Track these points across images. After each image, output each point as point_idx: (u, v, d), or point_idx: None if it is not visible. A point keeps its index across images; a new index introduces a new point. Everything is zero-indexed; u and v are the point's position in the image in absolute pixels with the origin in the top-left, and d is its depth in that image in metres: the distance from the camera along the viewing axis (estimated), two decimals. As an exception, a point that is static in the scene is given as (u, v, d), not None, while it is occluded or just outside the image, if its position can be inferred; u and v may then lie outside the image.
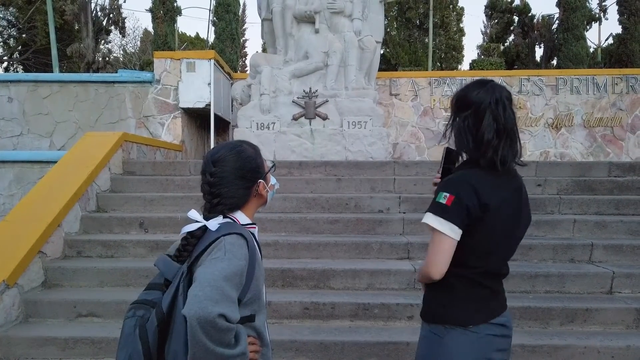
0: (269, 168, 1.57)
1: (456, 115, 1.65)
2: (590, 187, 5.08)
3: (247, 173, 1.46)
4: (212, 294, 1.18)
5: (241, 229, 1.38)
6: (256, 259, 1.38)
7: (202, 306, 1.16)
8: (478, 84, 1.62)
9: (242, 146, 1.49)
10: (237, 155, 1.47)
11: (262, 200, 1.54)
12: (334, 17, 7.13)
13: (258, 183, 1.49)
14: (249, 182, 1.47)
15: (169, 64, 8.21)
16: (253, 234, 1.47)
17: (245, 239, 1.35)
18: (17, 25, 22.00)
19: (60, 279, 3.89)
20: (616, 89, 9.02)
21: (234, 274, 1.26)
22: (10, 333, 3.31)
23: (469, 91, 1.62)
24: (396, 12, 19.17)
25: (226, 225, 1.38)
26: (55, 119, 8.31)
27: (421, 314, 1.76)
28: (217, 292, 1.19)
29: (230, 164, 1.44)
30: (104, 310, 3.57)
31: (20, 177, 5.61)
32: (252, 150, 1.51)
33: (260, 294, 1.41)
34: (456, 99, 1.65)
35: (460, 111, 1.64)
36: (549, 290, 3.79)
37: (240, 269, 1.28)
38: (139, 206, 4.90)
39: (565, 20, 15.87)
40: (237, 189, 1.45)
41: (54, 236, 4.07)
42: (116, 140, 5.46)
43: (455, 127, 1.66)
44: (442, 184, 1.60)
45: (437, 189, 1.60)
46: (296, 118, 6.91)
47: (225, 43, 17.13)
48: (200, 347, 1.18)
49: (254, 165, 1.48)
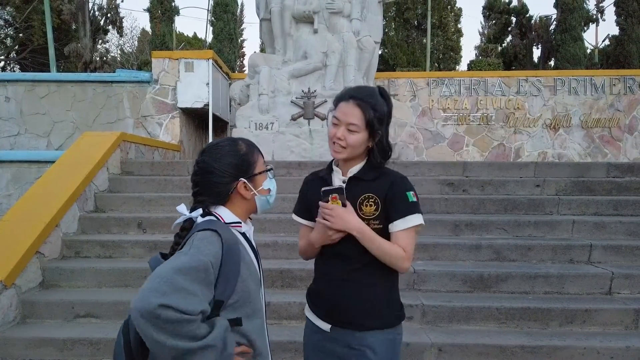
0: (262, 170, 1.46)
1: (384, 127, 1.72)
2: (589, 187, 5.09)
3: (229, 167, 1.39)
4: (158, 285, 1.12)
5: (219, 226, 1.32)
6: (241, 259, 1.31)
7: (143, 297, 1.11)
8: (379, 94, 1.70)
9: (235, 141, 1.44)
10: (224, 147, 1.42)
11: (246, 201, 1.43)
12: (333, 18, 7.12)
13: (239, 181, 1.40)
14: (229, 177, 1.39)
15: (167, 64, 8.19)
16: (245, 233, 1.42)
17: (220, 236, 1.27)
18: (14, 24, 21.90)
19: (58, 279, 3.87)
20: (614, 89, 9.04)
21: (193, 268, 1.18)
22: (7, 334, 3.29)
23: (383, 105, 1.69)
24: (394, 12, 19.16)
25: (206, 222, 1.35)
26: (52, 118, 8.28)
27: (376, 318, 1.68)
28: (166, 284, 1.13)
29: (214, 155, 1.40)
30: (102, 310, 3.55)
31: (18, 177, 5.58)
32: (244, 147, 1.43)
33: (250, 298, 1.34)
34: (380, 113, 1.68)
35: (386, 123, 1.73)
36: (548, 291, 3.79)
37: (203, 264, 1.20)
38: (137, 206, 4.88)
39: (563, 21, 15.90)
40: (216, 182, 1.38)
41: (51, 236, 4.04)
42: (114, 140, 5.43)
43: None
44: (404, 183, 1.69)
45: (403, 189, 1.66)
46: (295, 118, 6.90)
47: (223, 43, 17.11)
48: (150, 340, 1.13)
49: (237, 161, 1.40)
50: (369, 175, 1.69)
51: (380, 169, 1.71)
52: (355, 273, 1.68)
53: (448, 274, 3.83)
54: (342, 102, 1.66)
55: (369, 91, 1.69)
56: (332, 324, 1.70)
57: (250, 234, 1.47)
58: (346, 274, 1.69)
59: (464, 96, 9.07)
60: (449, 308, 3.53)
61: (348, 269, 1.68)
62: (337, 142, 1.65)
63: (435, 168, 5.48)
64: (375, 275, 1.68)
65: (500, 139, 9.12)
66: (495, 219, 4.55)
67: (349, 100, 1.64)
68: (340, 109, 1.66)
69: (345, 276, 1.69)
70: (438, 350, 3.21)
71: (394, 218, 1.65)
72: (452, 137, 9.15)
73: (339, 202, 1.61)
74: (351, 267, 1.68)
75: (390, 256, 1.62)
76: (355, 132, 1.62)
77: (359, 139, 1.64)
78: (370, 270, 1.67)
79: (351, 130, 1.63)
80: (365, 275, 1.68)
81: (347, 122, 1.63)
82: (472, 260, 4.13)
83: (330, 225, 1.61)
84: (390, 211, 1.65)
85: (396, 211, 1.64)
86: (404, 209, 1.65)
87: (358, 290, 1.68)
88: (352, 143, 1.64)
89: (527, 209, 4.77)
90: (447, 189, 5.10)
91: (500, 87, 9.06)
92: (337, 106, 1.68)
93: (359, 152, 1.68)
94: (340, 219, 1.60)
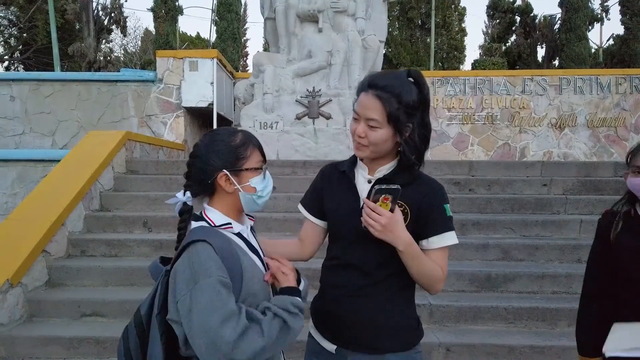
0: (252, 167, 1.33)
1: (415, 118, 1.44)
2: (597, 187, 5.05)
3: (214, 156, 1.30)
4: (219, 347, 1.15)
5: (209, 234, 1.25)
6: (240, 261, 1.26)
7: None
8: (409, 78, 1.43)
9: (234, 132, 1.35)
10: (218, 135, 1.34)
11: (230, 196, 1.33)
12: (338, 16, 7.10)
13: (219, 171, 1.30)
14: (212, 166, 1.30)
15: (172, 63, 8.18)
16: (240, 233, 1.35)
17: (211, 245, 1.21)
18: (17, 24, 21.98)
19: (64, 278, 3.86)
20: (620, 89, 8.99)
21: (219, 301, 1.17)
22: (14, 332, 3.29)
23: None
24: (398, 11, 19.14)
25: (197, 229, 1.30)
26: (57, 118, 8.28)
27: (395, 338, 1.47)
28: (221, 344, 1.15)
29: (207, 140, 1.34)
30: (108, 309, 3.55)
31: (23, 176, 5.58)
32: (239, 139, 1.33)
33: (257, 299, 1.29)
34: (407, 103, 1.41)
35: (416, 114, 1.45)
36: (556, 291, 3.76)
37: (219, 286, 1.18)
38: (143, 205, 4.88)
39: (568, 21, 15.86)
40: (200, 168, 1.31)
41: (57, 235, 4.04)
42: (119, 139, 5.43)
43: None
44: (442, 194, 1.49)
45: (441, 201, 1.46)
46: (299, 117, 6.88)
47: (226, 42, 17.13)
48: None
49: (225, 151, 1.30)
50: (401, 179, 1.42)
51: (414, 171, 1.46)
52: (370, 288, 1.45)
53: (455, 274, 3.80)
54: (362, 92, 1.43)
55: (393, 77, 1.41)
56: (339, 346, 1.49)
57: (246, 232, 1.38)
58: (360, 290, 1.46)
59: (468, 95, 9.03)
60: (457, 308, 3.50)
61: (363, 283, 1.45)
62: (357, 139, 1.43)
63: (441, 167, 5.45)
64: (393, 291, 1.47)
65: (506, 139, 9.08)
66: (502, 218, 4.52)
67: (368, 91, 1.39)
68: (360, 101, 1.42)
69: (359, 292, 1.46)
70: (446, 350, 3.19)
71: (430, 234, 1.43)
72: (456, 136, 9.12)
73: (388, 206, 1.35)
74: (367, 282, 1.45)
75: (429, 277, 1.41)
76: (376, 127, 1.38)
77: (382, 136, 1.39)
78: (388, 285, 1.46)
79: (371, 126, 1.39)
80: (383, 291, 1.46)
81: (366, 116, 1.40)
82: (479, 260, 4.11)
83: (375, 234, 1.35)
84: (426, 225, 1.43)
85: (434, 226, 1.43)
86: (442, 224, 1.44)
87: (374, 308, 1.45)
88: (373, 140, 1.40)
89: (534, 209, 4.74)
90: (453, 188, 5.07)
91: (506, 86, 9.02)
92: (358, 98, 1.44)
93: (385, 150, 1.44)
94: (389, 230, 1.34)
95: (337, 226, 1.53)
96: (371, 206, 1.34)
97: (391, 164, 1.48)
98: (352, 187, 1.51)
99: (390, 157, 1.48)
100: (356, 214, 1.43)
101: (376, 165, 1.49)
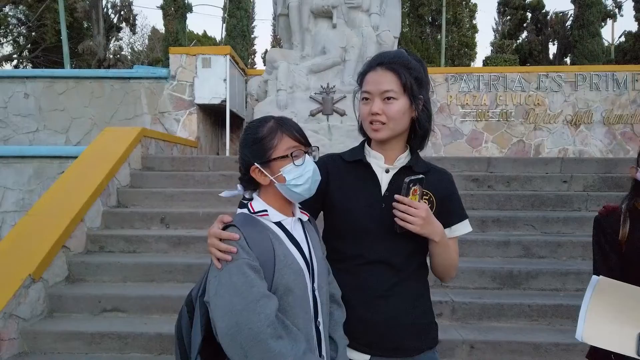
0: (280, 156, 1.27)
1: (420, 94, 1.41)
2: (617, 183, 4.98)
3: (246, 150, 1.30)
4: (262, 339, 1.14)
5: (242, 219, 1.26)
6: (271, 249, 1.23)
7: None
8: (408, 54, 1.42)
9: (262, 122, 1.31)
10: (248, 129, 1.31)
11: (271, 188, 1.30)
12: (352, 12, 7.07)
13: (252, 164, 1.28)
14: (246, 161, 1.29)
15: (185, 60, 8.18)
16: (281, 223, 1.31)
17: (239, 229, 1.21)
18: (27, 23, 22.11)
19: (84, 273, 3.86)
20: (637, 85, 8.86)
21: (241, 281, 1.16)
22: (36, 327, 3.29)
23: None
24: (408, 8, 19.03)
25: (236, 216, 1.30)
26: (70, 115, 8.31)
27: (428, 336, 1.44)
28: (263, 341, 1.14)
29: (242, 136, 1.31)
30: (128, 305, 3.54)
31: (40, 173, 5.60)
32: (266, 129, 1.28)
33: (291, 291, 1.25)
34: (417, 73, 1.39)
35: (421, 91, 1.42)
36: (580, 288, 3.70)
37: (239, 267, 1.17)
38: (160, 201, 4.87)
39: (581, 17, 15.68)
40: (241, 164, 1.32)
41: (76, 231, 4.04)
42: (135, 136, 5.43)
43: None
44: (453, 181, 1.48)
45: (456, 188, 1.48)
46: (313, 114, 6.85)
47: (236, 40, 17.14)
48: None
49: (251, 144, 1.28)
50: (421, 167, 1.42)
51: (423, 160, 1.47)
52: (401, 285, 1.38)
53: (477, 271, 3.76)
54: (369, 73, 1.38)
55: (396, 53, 1.41)
56: (373, 354, 1.38)
57: (291, 224, 1.33)
58: (390, 287, 1.37)
59: (482, 92, 8.95)
60: (480, 305, 3.46)
61: (393, 280, 1.37)
62: (374, 120, 1.35)
63: (458, 164, 5.40)
64: (422, 284, 1.44)
65: (520, 136, 8.99)
66: (522, 215, 4.46)
67: (377, 68, 1.36)
68: (369, 80, 1.37)
69: (388, 290, 1.37)
70: (470, 348, 3.15)
71: (454, 221, 1.43)
72: (470, 133, 9.04)
73: (416, 197, 1.30)
74: (398, 277, 1.37)
75: (451, 266, 1.42)
76: (394, 99, 1.33)
77: (400, 107, 1.34)
78: (417, 278, 1.42)
79: (389, 98, 1.33)
80: (413, 286, 1.40)
81: (380, 90, 1.34)
82: (500, 257, 4.06)
83: (415, 230, 1.28)
84: (449, 213, 1.43)
85: (456, 213, 1.44)
86: (462, 211, 1.46)
87: (408, 306, 1.38)
88: (393, 114, 1.33)
89: (554, 205, 4.68)
90: (472, 184, 5.02)
91: (520, 82, 8.93)
92: (364, 80, 1.40)
93: (402, 127, 1.38)
94: (428, 223, 1.29)
95: (357, 222, 1.39)
96: (407, 202, 1.27)
97: (406, 152, 1.44)
98: (372, 177, 1.41)
99: (402, 143, 1.44)
100: (380, 206, 1.37)
101: (393, 154, 1.42)
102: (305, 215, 1.41)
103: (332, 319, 1.39)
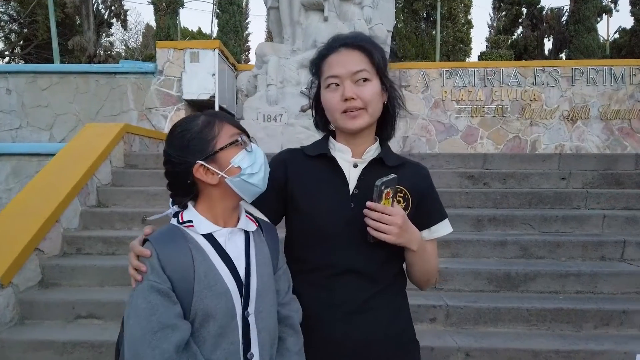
0: (229, 141, 1.09)
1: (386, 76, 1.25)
2: (618, 180, 4.82)
3: (180, 151, 1.09)
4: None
5: (160, 233, 1.09)
6: (190, 267, 1.04)
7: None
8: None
9: (193, 118, 1.12)
10: (177, 128, 1.12)
11: (219, 189, 1.10)
12: (344, 5, 6.87)
13: (194, 165, 1.08)
14: (185, 163, 1.08)
15: (172, 54, 7.95)
16: (213, 234, 1.11)
17: (151, 243, 1.05)
18: (18, 19, 21.76)
19: (58, 277, 3.66)
20: (634, 80, 8.71)
21: (142, 307, 1.01)
22: (4, 336, 3.08)
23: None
24: (403, 4, 18.82)
25: (162, 227, 1.13)
26: (55, 111, 8.07)
27: (409, 351, 1.28)
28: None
29: (169, 139, 1.13)
30: (104, 311, 3.34)
31: (18, 171, 5.39)
32: (200, 122, 1.10)
33: (211, 317, 1.05)
34: (383, 54, 1.23)
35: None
36: (580, 291, 3.54)
37: (142, 291, 1.02)
38: (142, 201, 4.67)
39: (576, 12, 15.56)
40: (176, 171, 1.11)
41: (51, 232, 3.83)
42: (117, 132, 5.22)
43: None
44: (430, 176, 1.32)
45: (433, 185, 1.31)
46: (304, 110, 6.64)
47: (228, 36, 16.90)
48: None
49: (187, 141, 1.08)
50: (392, 160, 1.24)
51: (394, 153, 1.29)
52: (378, 298, 1.20)
53: (472, 272, 3.59)
54: (330, 56, 1.19)
55: (355, 33, 1.25)
56: None
57: (225, 236, 1.12)
58: (365, 301, 1.19)
59: (478, 87, 8.77)
60: (475, 309, 3.29)
61: (370, 292, 1.19)
62: (350, 107, 1.16)
63: (453, 160, 5.22)
64: (400, 296, 1.28)
65: (516, 132, 8.83)
66: (519, 213, 4.29)
67: (340, 49, 1.18)
68: (333, 63, 1.18)
69: (363, 304, 1.18)
70: (465, 355, 2.98)
71: (432, 222, 1.27)
72: (465, 129, 8.86)
73: (389, 201, 1.12)
74: (374, 289, 1.19)
75: (430, 272, 1.27)
76: (368, 80, 1.16)
77: (374, 88, 1.17)
78: (395, 290, 1.25)
79: (363, 79, 1.16)
80: (392, 298, 1.23)
81: (352, 71, 1.15)
82: (497, 258, 3.88)
83: (391, 240, 1.11)
84: (428, 213, 1.27)
85: (435, 213, 1.28)
86: (441, 211, 1.30)
87: (386, 323, 1.21)
88: (370, 97, 1.16)
89: (553, 203, 4.51)
90: (467, 182, 4.84)
91: (516, 77, 8.76)
92: (325, 64, 1.20)
93: (377, 112, 1.21)
94: (405, 231, 1.12)
95: (323, 225, 1.20)
96: (380, 208, 1.09)
97: (376, 144, 1.27)
98: (338, 173, 1.23)
99: (371, 134, 1.26)
100: (348, 205, 1.20)
101: (361, 147, 1.24)
102: (254, 224, 1.19)
103: (282, 347, 1.17)
